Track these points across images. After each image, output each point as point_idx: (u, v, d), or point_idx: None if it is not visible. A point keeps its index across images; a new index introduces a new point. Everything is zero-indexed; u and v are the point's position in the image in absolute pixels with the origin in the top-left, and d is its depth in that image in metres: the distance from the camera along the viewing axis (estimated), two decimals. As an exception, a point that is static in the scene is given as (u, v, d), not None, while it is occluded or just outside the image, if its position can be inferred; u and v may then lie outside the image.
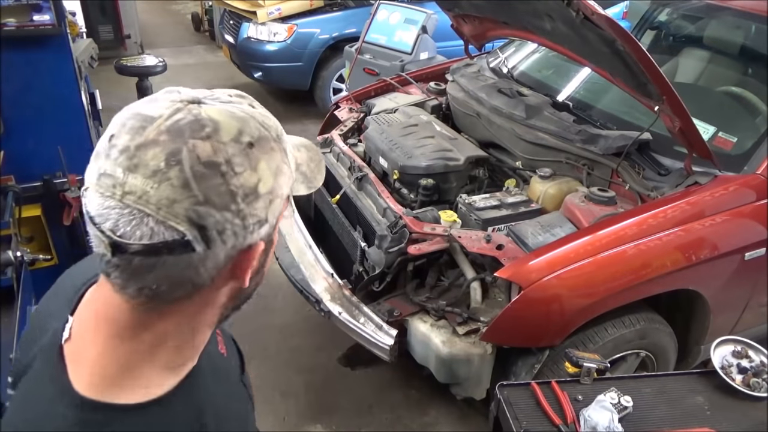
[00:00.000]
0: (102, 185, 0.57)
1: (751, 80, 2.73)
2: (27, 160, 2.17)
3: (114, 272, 0.59)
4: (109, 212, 0.56)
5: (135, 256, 0.57)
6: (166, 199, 0.55)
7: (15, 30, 1.99)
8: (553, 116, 2.51)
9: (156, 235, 0.56)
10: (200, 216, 0.57)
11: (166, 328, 0.64)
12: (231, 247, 0.61)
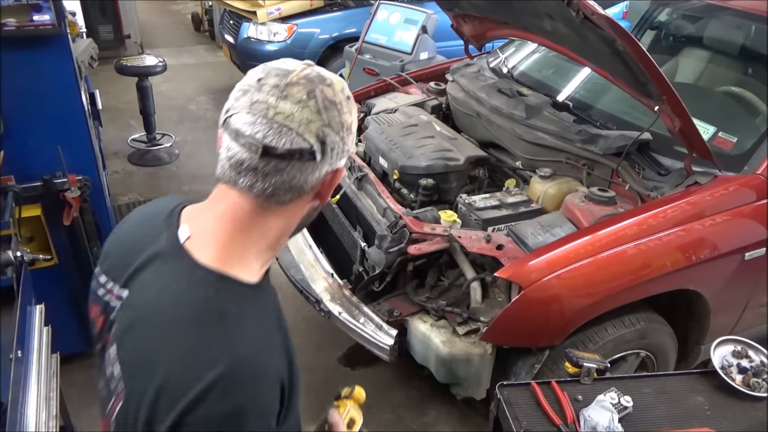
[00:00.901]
0: (255, 109, 0.80)
1: (751, 80, 2.73)
2: (27, 160, 2.17)
3: (246, 176, 0.81)
4: (260, 127, 0.79)
5: (274, 159, 0.79)
6: (305, 120, 0.80)
7: (15, 30, 1.98)
8: (553, 116, 2.51)
9: (294, 143, 0.79)
10: (324, 135, 0.81)
11: (270, 225, 0.86)
12: (330, 165, 0.85)
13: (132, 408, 0.80)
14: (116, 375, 0.86)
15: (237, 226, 0.85)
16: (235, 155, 0.81)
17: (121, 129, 5.40)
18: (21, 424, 1.38)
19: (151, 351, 0.80)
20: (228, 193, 0.85)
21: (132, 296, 0.88)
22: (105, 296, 0.96)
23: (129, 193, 4.41)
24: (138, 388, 0.79)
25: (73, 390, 2.52)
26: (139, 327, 0.84)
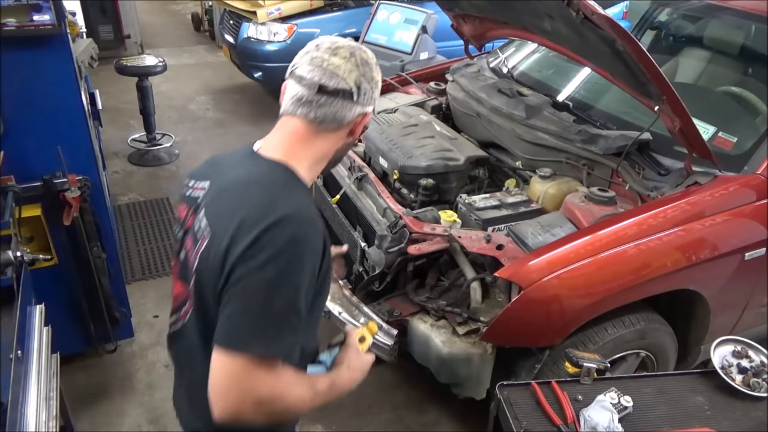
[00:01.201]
0: (314, 62, 1.14)
1: (751, 80, 2.73)
2: (27, 160, 2.17)
3: (304, 107, 1.15)
4: (317, 72, 1.13)
5: (325, 94, 1.13)
6: (348, 70, 1.15)
7: (15, 30, 1.98)
8: (553, 116, 2.51)
9: (339, 85, 1.14)
10: (359, 82, 1.16)
11: (317, 145, 1.18)
12: (361, 106, 1.18)
13: (216, 241, 1.07)
14: (203, 226, 1.13)
15: (295, 140, 1.17)
16: (297, 93, 1.15)
17: (121, 129, 5.40)
18: (21, 424, 1.38)
19: (232, 204, 1.10)
20: (290, 120, 1.18)
21: (214, 180, 1.20)
22: (190, 192, 1.24)
23: (129, 193, 4.41)
24: (222, 225, 1.07)
25: (73, 390, 2.52)
26: (223, 193, 1.16)
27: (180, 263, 1.22)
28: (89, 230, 2.39)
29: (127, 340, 2.86)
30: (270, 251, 1.01)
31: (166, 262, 3.58)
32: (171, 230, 3.91)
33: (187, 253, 1.18)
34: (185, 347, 1.25)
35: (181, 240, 1.22)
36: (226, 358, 1.00)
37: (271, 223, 1.02)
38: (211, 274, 1.07)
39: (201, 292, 1.12)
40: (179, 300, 1.22)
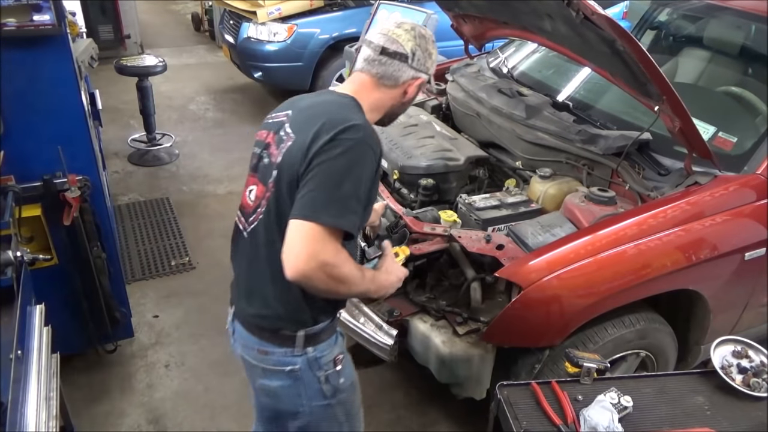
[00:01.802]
0: (382, 30, 1.47)
1: (751, 80, 2.73)
2: (27, 160, 2.17)
3: (370, 64, 1.47)
4: (382, 39, 1.45)
5: (386, 55, 1.44)
6: (406, 39, 1.45)
7: (15, 30, 1.98)
8: (553, 116, 2.51)
9: (398, 49, 1.44)
10: (414, 50, 1.46)
11: (377, 95, 1.48)
12: (414, 71, 1.47)
13: (300, 140, 1.34)
14: (287, 132, 1.40)
15: (360, 87, 1.47)
16: (366, 54, 1.47)
17: (121, 129, 5.40)
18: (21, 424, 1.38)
19: (312, 115, 1.38)
20: (358, 75, 1.49)
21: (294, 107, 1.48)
22: (272, 120, 1.49)
23: (129, 193, 4.42)
24: (305, 129, 1.35)
25: (73, 390, 2.52)
26: (303, 111, 1.44)
27: (260, 170, 1.45)
28: (89, 230, 2.39)
29: (127, 340, 2.86)
30: (344, 146, 1.29)
31: (166, 262, 3.58)
32: (172, 229, 3.92)
33: (271, 157, 1.41)
34: (255, 244, 1.44)
35: (259, 155, 1.46)
36: (301, 225, 1.25)
37: (346, 126, 1.31)
38: (292, 164, 1.33)
39: (280, 183, 1.36)
40: (256, 202, 1.44)
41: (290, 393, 1.47)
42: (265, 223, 1.41)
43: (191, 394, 2.66)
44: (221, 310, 3.15)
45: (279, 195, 1.36)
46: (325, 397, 1.50)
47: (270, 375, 1.47)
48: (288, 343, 1.42)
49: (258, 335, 1.46)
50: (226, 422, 2.53)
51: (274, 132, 1.45)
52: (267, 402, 1.56)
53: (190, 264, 3.56)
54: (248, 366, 1.53)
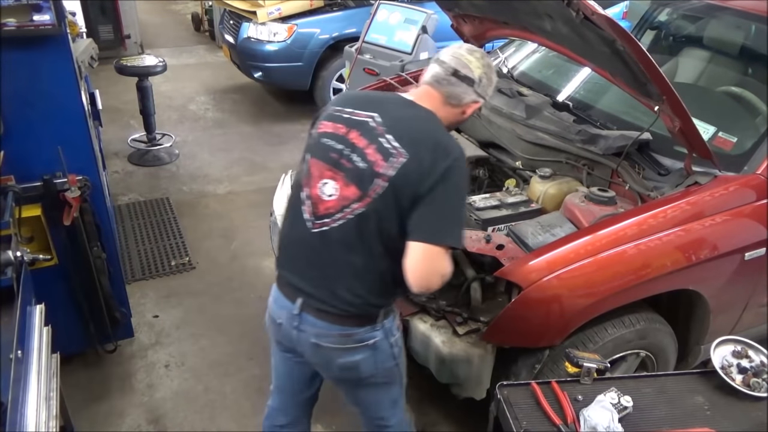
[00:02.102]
0: (455, 54, 1.58)
1: (751, 80, 2.73)
2: (27, 160, 2.16)
3: (438, 83, 1.57)
4: (455, 62, 1.57)
5: (456, 77, 1.56)
6: (476, 66, 1.58)
7: (15, 30, 1.98)
8: (553, 116, 2.51)
9: (468, 74, 1.56)
10: (480, 76, 1.58)
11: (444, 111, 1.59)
12: (476, 96, 1.60)
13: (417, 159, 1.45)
14: (395, 146, 1.47)
15: (432, 103, 1.58)
16: (438, 73, 1.58)
17: (121, 129, 5.40)
18: (21, 424, 1.38)
19: (420, 133, 1.51)
20: (430, 89, 1.60)
21: (383, 114, 1.53)
22: (350, 116, 1.56)
23: (129, 193, 4.42)
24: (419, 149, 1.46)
25: (73, 390, 2.52)
26: (402, 123, 1.52)
27: (343, 167, 1.52)
28: (89, 230, 2.38)
29: (127, 340, 2.86)
30: (458, 173, 1.47)
31: (166, 262, 3.58)
32: (172, 229, 3.91)
33: (370, 162, 1.48)
34: (336, 241, 1.52)
35: (340, 152, 1.52)
36: (429, 249, 1.43)
37: (458, 153, 1.49)
38: (410, 183, 1.45)
39: (387, 196, 1.46)
40: (341, 202, 1.51)
41: (369, 362, 1.64)
42: (359, 225, 1.49)
43: (191, 394, 2.66)
44: (221, 310, 3.18)
45: (385, 205, 1.47)
46: (393, 359, 1.70)
47: (352, 352, 1.60)
48: (371, 322, 1.59)
49: (341, 322, 1.57)
50: (226, 422, 2.53)
51: (360, 132, 1.52)
52: (345, 375, 1.68)
53: (190, 264, 3.56)
54: (322, 351, 1.62)
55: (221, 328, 3.05)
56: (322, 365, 1.69)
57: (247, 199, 4.34)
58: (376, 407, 1.79)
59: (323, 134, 1.58)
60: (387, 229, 1.48)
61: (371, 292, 1.55)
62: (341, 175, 1.51)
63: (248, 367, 2.81)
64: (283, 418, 1.93)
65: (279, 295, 1.67)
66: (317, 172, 1.56)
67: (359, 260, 1.51)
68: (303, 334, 1.61)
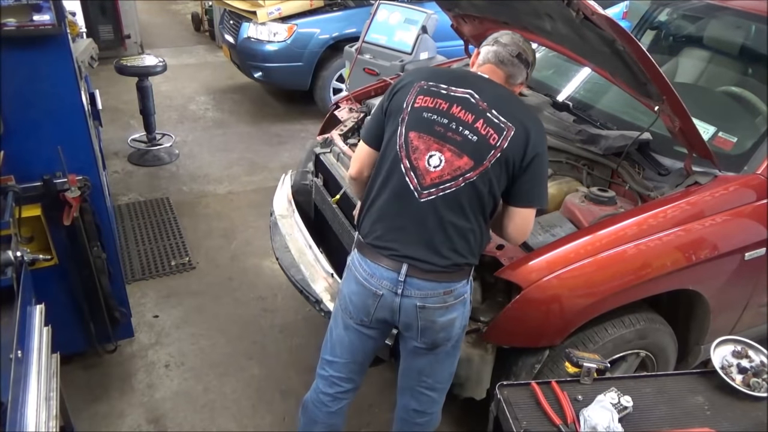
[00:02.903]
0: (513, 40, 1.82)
1: (751, 80, 2.73)
2: (27, 160, 2.16)
3: (503, 64, 1.78)
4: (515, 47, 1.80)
5: (519, 60, 1.79)
6: (531, 52, 1.83)
7: (15, 30, 1.98)
8: (553, 116, 2.51)
9: (524, 57, 1.80)
10: (533, 61, 1.84)
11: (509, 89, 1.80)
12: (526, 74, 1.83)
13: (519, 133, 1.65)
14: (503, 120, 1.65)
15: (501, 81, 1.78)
16: (501, 55, 1.78)
17: (121, 129, 5.41)
18: (21, 424, 1.38)
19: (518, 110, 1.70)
20: (495, 69, 1.78)
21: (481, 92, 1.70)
22: (447, 92, 1.70)
23: (129, 193, 4.42)
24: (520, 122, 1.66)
25: (73, 390, 2.52)
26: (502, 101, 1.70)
27: (451, 139, 1.66)
28: (89, 230, 2.38)
29: (127, 340, 2.87)
30: (544, 144, 1.70)
31: (166, 262, 3.58)
32: (172, 229, 3.91)
33: (483, 136, 1.65)
34: (447, 205, 1.66)
35: (447, 125, 1.67)
36: (528, 210, 1.72)
37: (542, 127, 1.74)
38: (516, 152, 1.64)
39: (500, 165, 1.64)
40: (452, 167, 1.65)
41: (461, 319, 1.79)
42: (471, 191, 1.65)
43: (191, 394, 2.66)
44: (221, 310, 3.18)
45: (496, 174, 1.65)
46: (468, 317, 1.85)
47: (452, 308, 1.74)
48: (465, 275, 1.75)
49: (446, 279, 1.70)
50: (226, 422, 2.53)
51: (463, 108, 1.68)
52: (440, 336, 1.77)
53: (190, 264, 3.56)
54: (425, 312, 1.72)
55: (221, 328, 3.05)
56: (422, 329, 1.76)
57: (247, 199, 4.34)
58: (439, 374, 1.89)
59: (424, 109, 1.69)
60: (492, 195, 1.67)
61: (470, 250, 1.71)
62: (449, 147, 1.66)
63: (248, 367, 2.81)
64: (346, 385, 2.00)
65: (377, 267, 1.72)
66: (423, 145, 1.68)
67: (463, 222, 1.67)
68: (407, 300, 1.71)
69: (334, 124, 3.13)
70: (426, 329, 1.75)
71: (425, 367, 1.86)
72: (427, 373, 1.88)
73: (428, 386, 1.90)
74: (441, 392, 1.94)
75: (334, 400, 2.00)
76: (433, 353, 1.82)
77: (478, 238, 1.72)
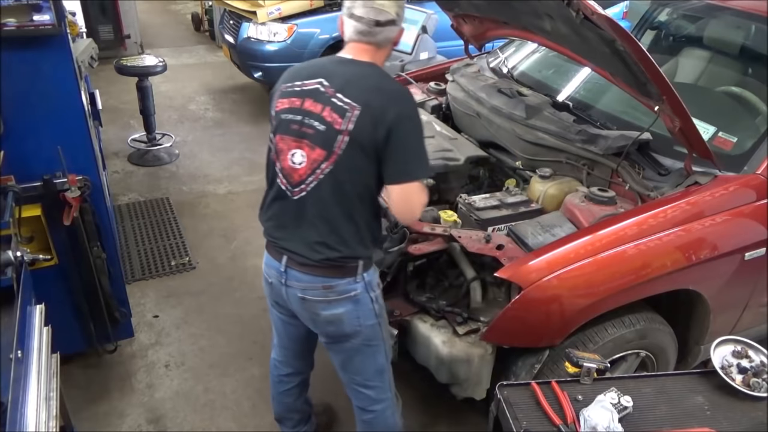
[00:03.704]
0: (366, 4, 1.63)
1: (751, 80, 2.73)
2: (27, 160, 2.16)
3: (366, 36, 1.66)
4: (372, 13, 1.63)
5: (380, 26, 1.64)
6: (390, 6, 1.64)
7: (15, 30, 1.98)
8: (553, 116, 2.51)
9: (388, 17, 1.64)
10: (398, 10, 1.66)
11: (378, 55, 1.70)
12: (398, 26, 1.69)
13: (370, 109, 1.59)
14: (347, 101, 1.60)
15: (367, 55, 1.69)
16: (359, 28, 1.65)
17: (121, 129, 5.41)
18: (21, 424, 1.38)
19: (367, 86, 1.62)
20: (359, 45, 1.69)
21: (329, 78, 1.66)
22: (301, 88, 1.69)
23: (129, 193, 4.42)
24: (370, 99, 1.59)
25: (73, 390, 2.52)
26: (351, 82, 1.63)
27: (307, 134, 1.66)
28: (89, 230, 2.39)
29: (127, 340, 2.87)
30: (411, 113, 1.63)
31: (166, 262, 3.58)
32: (172, 229, 3.92)
33: (329, 124, 1.62)
34: (315, 202, 1.67)
35: (301, 122, 1.66)
36: (407, 187, 1.63)
37: (406, 95, 1.67)
38: (367, 132, 1.58)
39: (354, 148, 1.60)
40: (312, 165, 1.65)
41: (351, 316, 1.77)
42: (331, 181, 1.64)
43: (191, 394, 2.66)
44: (221, 310, 3.18)
45: (351, 158, 1.61)
46: (375, 316, 1.82)
47: (335, 304, 1.75)
48: (351, 273, 1.72)
49: (323, 273, 1.71)
50: (226, 422, 2.53)
51: (313, 99, 1.65)
52: (330, 330, 1.82)
53: (190, 264, 3.56)
54: (307, 304, 1.78)
55: (221, 328, 3.05)
56: (310, 320, 1.83)
57: (247, 199, 4.34)
58: (363, 372, 1.90)
59: (282, 111, 1.72)
60: (358, 180, 1.64)
61: (344, 242, 1.68)
62: (306, 142, 1.66)
63: (248, 367, 2.81)
64: (286, 369, 2.13)
65: (268, 257, 1.83)
66: (285, 146, 1.70)
67: (334, 214, 1.67)
68: (291, 290, 1.78)
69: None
70: (313, 321, 1.82)
71: (344, 362, 1.91)
72: (351, 370, 1.92)
73: (359, 383, 1.93)
74: (377, 390, 1.94)
75: (280, 382, 2.16)
76: (341, 348, 1.86)
77: (353, 229, 1.69)
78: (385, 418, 1.99)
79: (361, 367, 1.89)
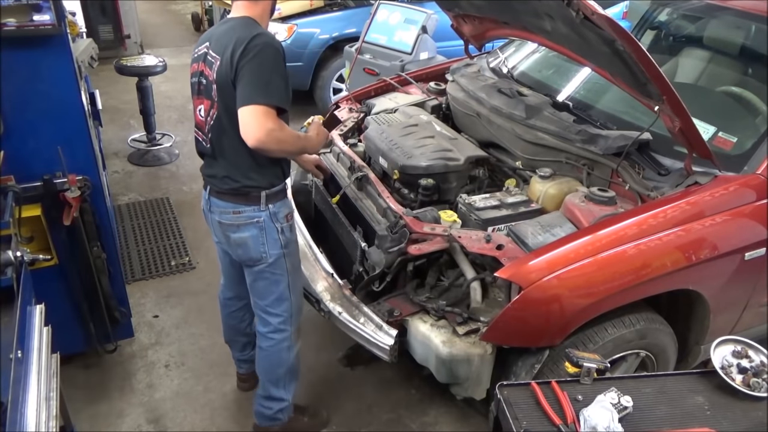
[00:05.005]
0: None
1: (751, 80, 2.73)
2: (27, 160, 2.17)
3: None
4: None
5: None
6: None
7: (15, 30, 1.98)
8: (553, 116, 2.51)
9: None
10: None
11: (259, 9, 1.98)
12: None
13: (224, 57, 1.85)
14: (213, 55, 1.91)
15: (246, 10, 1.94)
16: None
17: (121, 129, 5.41)
18: (21, 424, 1.38)
19: (226, 37, 1.88)
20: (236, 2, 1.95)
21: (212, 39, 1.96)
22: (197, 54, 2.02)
23: (129, 193, 4.42)
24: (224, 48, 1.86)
25: (73, 390, 2.52)
26: (218, 38, 1.92)
27: (202, 92, 2.00)
28: (89, 230, 2.39)
29: (127, 340, 2.87)
30: (255, 50, 1.81)
31: (166, 262, 3.58)
32: (172, 229, 3.92)
33: (208, 78, 1.94)
34: (217, 142, 1.99)
35: (198, 81, 2.00)
36: (247, 110, 1.80)
37: (252, 36, 1.82)
38: (225, 74, 1.85)
39: (221, 92, 1.88)
40: (206, 111, 1.99)
41: (257, 241, 2.04)
42: (219, 124, 1.95)
43: (191, 394, 2.66)
44: (221, 310, 3.17)
45: (223, 100, 1.90)
46: (281, 247, 2.08)
47: (243, 228, 2.04)
48: (255, 202, 2.01)
49: (233, 201, 2.03)
50: (226, 422, 2.53)
51: (202, 61, 1.98)
52: (240, 253, 2.10)
53: (190, 264, 3.56)
54: (223, 228, 2.09)
55: (221, 328, 3.05)
56: (226, 243, 2.14)
57: (247, 199, 4.33)
58: (265, 297, 2.16)
59: (191, 75, 2.06)
60: (236, 119, 1.85)
61: (247, 175, 1.98)
62: (202, 98, 2.00)
63: (248, 367, 2.81)
64: (229, 292, 2.43)
65: (203, 190, 2.17)
66: (194, 104, 2.06)
67: (230, 152, 1.98)
68: (213, 215, 2.12)
69: (334, 124, 3.13)
70: (228, 243, 2.12)
71: (251, 285, 2.18)
72: (255, 294, 2.19)
73: (262, 309, 2.19)
74: (278, 319, 2.18)
75: (225, 306, 2.47)
76: (250, 271, 2.13)
77: (250, 162, 1.96)
78: (280, 349, 2.21)
79: (264, 291, 2.15)
